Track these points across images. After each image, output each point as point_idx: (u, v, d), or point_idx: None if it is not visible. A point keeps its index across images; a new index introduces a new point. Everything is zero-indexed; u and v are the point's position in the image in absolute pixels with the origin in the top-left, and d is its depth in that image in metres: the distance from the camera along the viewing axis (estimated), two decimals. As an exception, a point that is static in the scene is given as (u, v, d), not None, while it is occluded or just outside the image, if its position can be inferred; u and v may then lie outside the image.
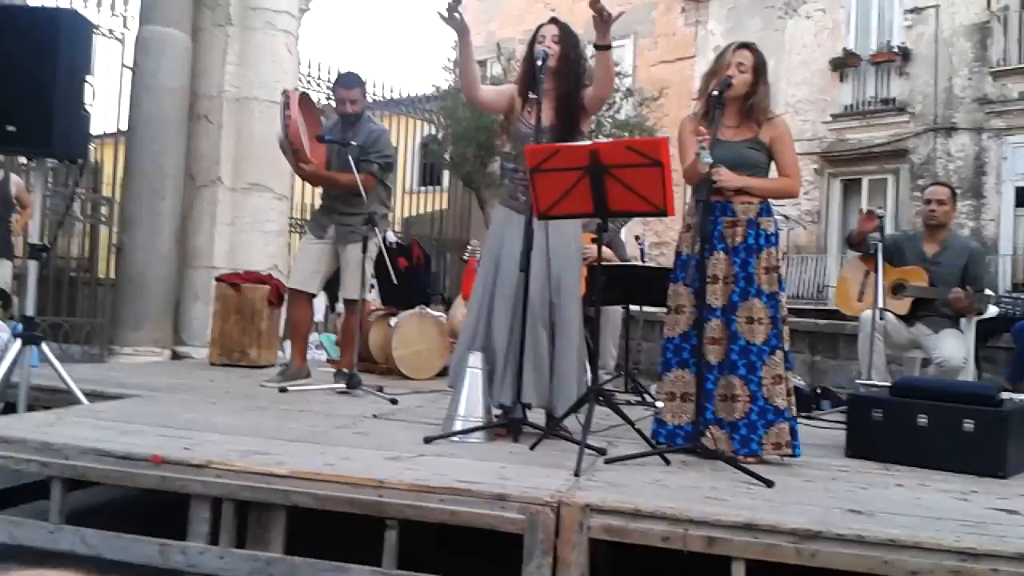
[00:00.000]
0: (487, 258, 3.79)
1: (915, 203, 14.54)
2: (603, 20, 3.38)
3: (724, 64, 3.49)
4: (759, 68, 3.51)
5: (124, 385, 4.47)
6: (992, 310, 5.70)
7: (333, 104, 5.48)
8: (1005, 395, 3.60)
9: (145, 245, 6.55)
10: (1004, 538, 2.26)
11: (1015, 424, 3.39)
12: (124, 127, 7.02)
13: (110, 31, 7.09)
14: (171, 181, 6.66)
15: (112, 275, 7.03)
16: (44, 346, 3.94)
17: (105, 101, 7.11)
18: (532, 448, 3.27)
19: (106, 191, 7.92)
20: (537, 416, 3.64)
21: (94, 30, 4.32)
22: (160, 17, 6.69)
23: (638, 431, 3.35)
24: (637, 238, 7.23)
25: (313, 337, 6.90)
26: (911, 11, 16.43)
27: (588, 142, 3.27)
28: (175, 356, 6.62)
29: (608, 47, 3.52)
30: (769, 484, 2.81)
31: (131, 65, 6.88)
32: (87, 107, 3.87)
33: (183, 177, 6.80)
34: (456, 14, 3.56)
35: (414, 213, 15.58)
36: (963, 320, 5.02)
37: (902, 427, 3.51)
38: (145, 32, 6.74)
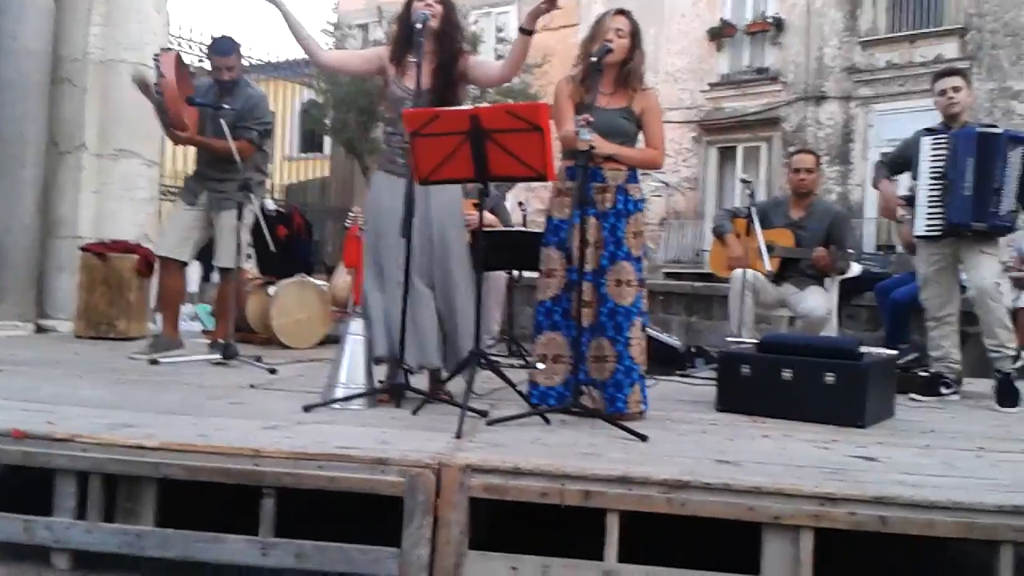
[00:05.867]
0: (370, 226, 3.73)
1: (786, 170, 15.14)
2: (546, 10, 3.29)
3: (603, 30, 3.52)
4: (635, 34, 3.57)
5: (-17, 361, 4.24)
6: (855, 268, 5.99)
7: (207, 68, 5.29)
8: (864, 349, 3.79)
9: (5, 215, 6.18)
10: (861, 483, 2.41)
11: (873, 377, 3.58)
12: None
13: (-38, -10, 6.61)
14: (32, 148, 6.29)
15: (-31, 247, 6.62)
16: None
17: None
18: (414, 413, 3.27)
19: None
20: (420, 381, 3.63)
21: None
22: (18, -25, 6.27)
23: (520, 392, 3.40)
24: (520, 204, 7.27)
25: (188, 308, 6.68)
26: (784, -18, 16.99)
27: (469, 107, 3.25)
28: (39, 330, 6.31)
29: (533, 32, 3.47)
30: (643, 439, 2.90)
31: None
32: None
33: (46, 144, 6.43)
34: None
35: (295, 180, 15.22)
36: (827, 279, 5.26)
37: (769, 381, 3.67)
38: (2, -9, 6.32)
